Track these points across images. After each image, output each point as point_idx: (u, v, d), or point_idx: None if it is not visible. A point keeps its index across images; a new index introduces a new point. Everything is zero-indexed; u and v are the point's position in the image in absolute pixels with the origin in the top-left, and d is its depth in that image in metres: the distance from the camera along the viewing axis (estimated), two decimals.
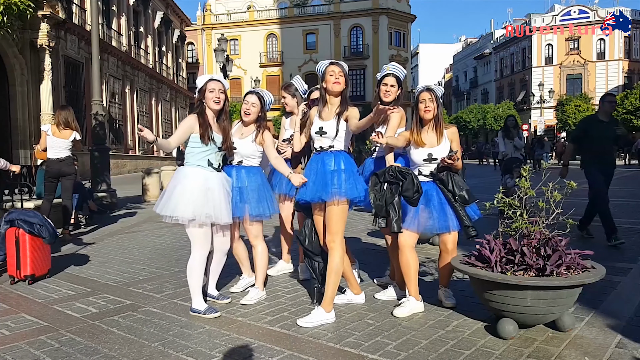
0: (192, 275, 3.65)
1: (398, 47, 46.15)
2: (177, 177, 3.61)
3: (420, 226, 3.53)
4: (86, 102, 20.46)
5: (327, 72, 3.51)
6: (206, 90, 3.68)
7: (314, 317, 3.35)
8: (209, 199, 3.53)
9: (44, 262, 4.83)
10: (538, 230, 3.14)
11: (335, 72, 3.49)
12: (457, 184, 3.53)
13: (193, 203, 3.47)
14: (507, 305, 3.02)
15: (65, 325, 3.46)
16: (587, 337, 3.07)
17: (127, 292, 4.30)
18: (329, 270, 3.44)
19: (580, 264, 3.07)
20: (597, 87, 44.73)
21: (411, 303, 3.55)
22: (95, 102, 10.12)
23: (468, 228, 3.51)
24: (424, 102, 3.57)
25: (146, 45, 31.73)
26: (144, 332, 3.30)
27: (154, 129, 32.29)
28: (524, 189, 3.23)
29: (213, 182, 3.60)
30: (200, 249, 3.63)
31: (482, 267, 3.13)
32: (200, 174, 3.58)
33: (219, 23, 47.57)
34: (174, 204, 3.48)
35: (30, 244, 4.65)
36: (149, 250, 6.23)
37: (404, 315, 3.48)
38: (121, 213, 9.82)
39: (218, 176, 3.67)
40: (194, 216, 3.49)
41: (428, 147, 3.58)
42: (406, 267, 3.56)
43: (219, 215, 3.58)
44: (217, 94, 3.68)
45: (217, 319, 3.52)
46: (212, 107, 3.69)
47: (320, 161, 3.50)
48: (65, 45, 20.73)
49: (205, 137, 3.58)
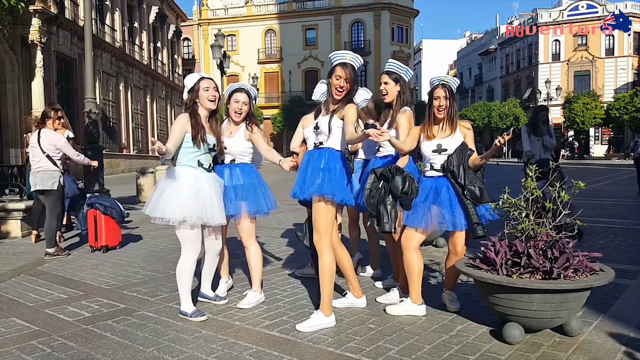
0: (182, 277, 3.66)
1: (400, 43, 46.19)
2: (167, 178, 3.61)
3: (429, 225, 3.49)
4: (79, 100, 20.49)
5: (335, 74, 3.39)
6: (200, 89, 3.67)
7: (313, 322, 3.35)
8: (200, 199, 3.53)
9: (115, 237, 6.40)
10: (545, 231, 3.13)
11: (341, 78, 3.36)
12: (469, 177, 3.44)
13: (184, 204, 3.48)
14: (513, 309, 3.01)
15: (57, 330, 3.46)
16: (596, 342, 3.06)
17: (121, 295, 4.30)
18: (320, 272, 3.41)
19: (589, 266, 3.07)
20: (605, 84, 44.74)
21: (407, 304, 3.57)
22: (88, 99, 10.10)
23: (476, 226, 3.41)
24: (438, 99, 3.55)
25: (141, 41, 31.75)
26: (139, 337, 3.30)
27: (149, 128, 32.34)
28: (530, 189, 3.22)
29: (204, 182, 3.60)
30: (190, 251, 3.64)
31: (487, 270, 3.13)
32: (191, 174, 3.58)
33: (216, 18, 47.59)
34: (164, 205, 3.48)
35: (104, 222, 6.21)
36: (143, 252, 6.23)
37: (395, 313, 3.52)
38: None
39: (209, 176, 3.67)
40: (185, 217, 3.49)
41: (438, 138, 3.57)
42: (409, 269, 3.56)
43: (210, 216, 3.58)
44: (212, 92, 3.68)
45: (214, 323, 3.52)
46: (208, 107, 3.68)
47: (310, 158, 3.45)
48: (57, 41, 20.75)
49: (197, 139, 3.57)
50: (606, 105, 40.72)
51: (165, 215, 3.47)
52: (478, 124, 47.49)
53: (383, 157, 4.02)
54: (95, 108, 10.33)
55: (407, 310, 3.56)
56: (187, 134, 3.60)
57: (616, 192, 12.60)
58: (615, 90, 43.58)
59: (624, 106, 37.53)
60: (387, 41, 45.03)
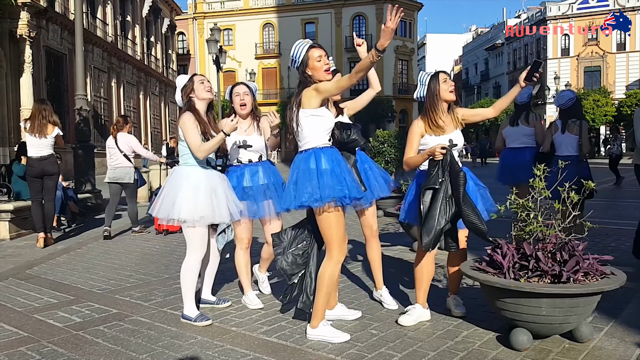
0: (186, 278, 3.68)
1: (404, 37, 46.18)
2: (177, 178, 3.64)
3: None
4: (69, 97, 20.45)
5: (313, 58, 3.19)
6: (194, 83, 3.70)
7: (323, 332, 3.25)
8: (213, 198, 3.60)
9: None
10: (554, 233, 3.13)
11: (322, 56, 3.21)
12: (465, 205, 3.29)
13: (202, 203, 3.54)
14: (521, 314, 3.02)
15: (47, 336, 3.46)
16: (607, 348, 3.07)
17: (113, 300, 4.30)
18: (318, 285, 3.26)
19: (599, 270, 3.07)
20: (617, 80, 44.73)
21: (417, 311, 3.55)
22: (79, 96, 10.12)
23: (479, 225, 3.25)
24: (446, 81, 3.49)
25: (134, 36, 31.74)
26: (132, 343, 3.30)
27: (142, 125, 32.33)
28: (539, 189, 3.22)
29: (215, 181, 3.66)
30: (196, 252, 3.68)
31: (493, 274, 3.13)
32: (203, 173, 3.63)
33: (212, 12, 47.59)
34: (178, 206, 3.53)
35: None
36: (136, 255, 6.24)
37: (410, 324, 3.48)
38: None
39: (218, 174, 3.73)
40: (201, 217, 3.54)
41: (448, 132, 3.49)
42: (420, 272, 3.56)
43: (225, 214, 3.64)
44: (207, 84, 3.74)
45: (210, 328, 3.53)
46: (204, 97, 3.69)
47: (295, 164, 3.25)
48: (46, 35, 20.73)
49: (207, 134, 3.62)
50: (617, 102, 40.71)
51: (181, 216, 3.53)
52: (484, 122, 47.49)
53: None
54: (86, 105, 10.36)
55: (419, 319, 3.53)
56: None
57: (628, 193, 12.61)
58: (627, 87, 43.57)
59: (635, 103, 37.52)
60: None
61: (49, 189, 6.83)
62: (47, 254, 6.30)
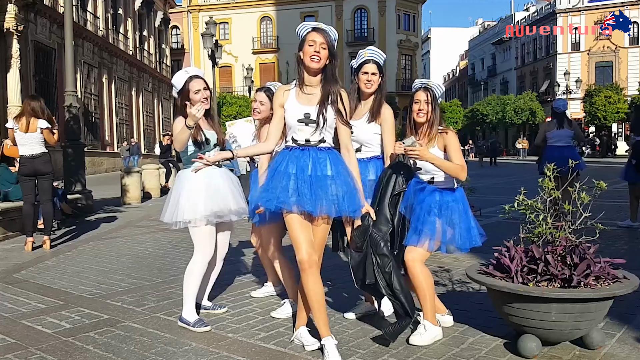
0: (190, 278, 3.71)
1: (407, 31, 46.21)
2: (180, 182, 3.75)
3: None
4: (58, 93, 20.46)
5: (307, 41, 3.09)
6: (190, 92, 3.68)
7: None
8: (216, 194, 3.65)
9: None
10: (564, 236, 3.14)
11: (316, 43, 3.06)
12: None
13: (199, 203, 3.60)
14: (529, 320, 3.02)
15: (35, 343, 3.46)
16: (619, 355, 3.07)
17: (105, 305, 4.30)
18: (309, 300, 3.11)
19: (611, 273, 3.07)
20: (629, 76, 44.70)
21: (430, 329, 3.29)
22: (69, 93, 10.12)
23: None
24: (418, 102, 3.44)
25: (125, 30, 31.76)
26: (123, 350, 3.30)
27: (134, 123, 32.36)
28: (548, 190, 3.22)
29: (218, 177, 3.70)
30: (204, 252, 3.72)
31: (501, 278, 3.13)
32: (203, 172, 3.65)
33: (207, 4, 47.63)
34: (181, 208, 3.61)
35: None
36: (128, 258, 6.24)
37: (423, 344, 3.24)
38: (99, 217, 9.81)
39: (221, 171, 3.77)
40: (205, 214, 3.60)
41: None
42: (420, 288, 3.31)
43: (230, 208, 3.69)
44: (203, 94, 3.69)
45: (205, 335, 3.53)
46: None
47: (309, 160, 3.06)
48: (35, 29, 20.74)
49: (197, 142, 3.69)
50: (630, 98, 40.68)
51: (184, 218, 3.60)
52: (492, 119, 47.50)
53: (367, 158, 3.69)
54: (76, 102, 10.35)
55: (434, 338, 3.30)
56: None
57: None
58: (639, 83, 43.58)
59: None
60: (393, 29, 45.02)
61: (45, 190, 6.82)
62: (35, 257, 6.30)
